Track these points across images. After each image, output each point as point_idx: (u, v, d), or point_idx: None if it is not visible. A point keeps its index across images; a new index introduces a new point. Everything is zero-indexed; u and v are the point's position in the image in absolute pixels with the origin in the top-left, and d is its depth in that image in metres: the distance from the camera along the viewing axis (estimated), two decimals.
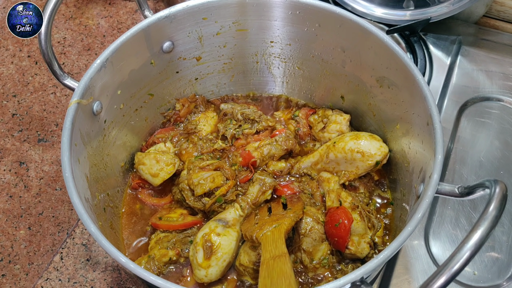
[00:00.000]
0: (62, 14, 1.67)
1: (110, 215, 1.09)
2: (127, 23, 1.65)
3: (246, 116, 1.25)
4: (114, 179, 1.15)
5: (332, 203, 1.10)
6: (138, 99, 1.18)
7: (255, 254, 1.01)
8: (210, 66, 1.27)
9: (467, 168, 1.28)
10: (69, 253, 1.21)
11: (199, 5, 1.11)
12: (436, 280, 0.68)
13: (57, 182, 1.33)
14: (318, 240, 1.04)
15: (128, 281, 1.17)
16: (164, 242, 1.08)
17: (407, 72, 1.01)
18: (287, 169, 1.20)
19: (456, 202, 1.22)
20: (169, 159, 1.15)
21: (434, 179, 0.85)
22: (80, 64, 1.55)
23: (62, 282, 1.17)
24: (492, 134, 1.34)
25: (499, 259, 1.15)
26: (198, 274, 1.02)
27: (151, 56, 1.13)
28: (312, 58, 1.23)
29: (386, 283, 1.11)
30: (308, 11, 1.12)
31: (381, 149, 1.11)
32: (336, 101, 1.29)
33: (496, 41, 1.53)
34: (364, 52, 1.12)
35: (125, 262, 0.79)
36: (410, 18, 1.48)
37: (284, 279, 0.83)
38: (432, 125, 0.92)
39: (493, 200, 0.73)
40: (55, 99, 1.47)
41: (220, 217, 1.07)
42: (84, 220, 0.83)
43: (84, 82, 0.96)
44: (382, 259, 0.78)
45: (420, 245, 1.16)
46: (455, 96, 1.40)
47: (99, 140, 1.06)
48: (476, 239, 0.69)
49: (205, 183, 1.08)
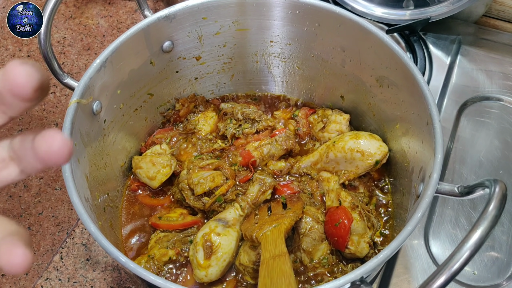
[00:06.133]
0: (61, 14, 1.67)
1: (110, 215, 1.09)
2: (127, 22, 1.65)
3: (246, 115, 1.25)
4: (114, 178, 1.15)
5: (332, 202, 1.10)
6: (137, 98, 1.18)
7: (255, 254, 1.01)
8: (209, 66, 1.27)
9: (466, 167, 1.28)
10: (69, 252, 1.21)
11: (198, 5, 1.11)
12: (436, 279, 0.68)
13: (57, 182, 1.33)
14: (318, 239, 1.04)
15: (128, 281, 1.17)
16: (164, 242, 1.08)
17: (406, 71, 1.01)
18: (287, 169, 1.20)
19: (456, 202, 1.22)
20: (165, 161, 1.15)
21: (434, 179, 0.85)
22: (79, 64, 1.55)
23: (62, 281, 1.17)
24: (492, 133, 1.34)
25: (499, 258, 1.15)
26: (198, 274, 1.02)
27: (150, 55, 1.13)
28: (312, 58, 1.23)
29: (386, 283, 1.11)
30: (308, 11, 1.12)
31: (380, 149, 1.11)
32: (335, 101, 1.29)
33: (496, 41, 1.53)
34: (364, 52, 1.12)
35: (125, 262, 0.79)
36: (410, 17, 1.48)
37: (284, 279, 0.83)
38: (431, 125, 0.92)
39: (493, 200, 0.73)
40: (55, 99, 1.47)
41: (220, 217, 1.07)
42: (84, 220, 0.83)
43: (84, 82, 0.96)
44: (382, 259, 0.78)
45: (420, 244, 1.16)
46: (455, 95, 1.40)
47: (98, 140, 1.06)
48: (475, 238, 0.69)
49: (205, 183, 1.08)
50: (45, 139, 0.42)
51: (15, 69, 0.41)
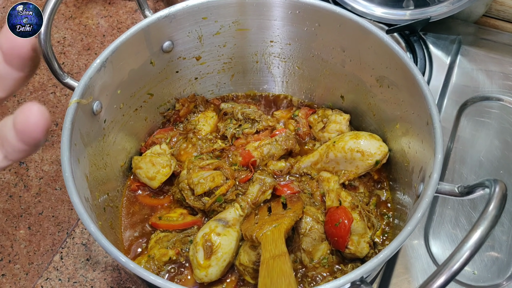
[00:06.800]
0: (61, 14, 1.67)
1: (110, 215, 1.09)
2: (127, 22, 1.65)
3: (246, 115, 1.25)
4: (114, 178, 1.15)
5: (332, 202, 1.10)
6: (138, 98, 1.18)
7: (255, 254, 1.01)
8: (210, 66, 1.27)
9: (467, 167, 1.28)
10: (69, 252, 1.21)
11: (198, 5, 1.11)
12: (436, 279, 0.68)
13: (57, 181, 1.33)
14: (318, 239, 1.04)
15: (128, 281, 1.17)
16: (164, 242, 1.08)
17: (406, 71, 1.01)
18: (287, 169, 1.20)
19: (456, 202, 1.22)
20: (164, 161, 1.15)
21: (434, 179, 0.85)
22: (79, 64, 1.55)
23: (62, 281, 1.17)
24: (492, 133, 1.34)
25: (499, 258, 1.15)
26: (198, 274, 1.02)
27: (150, 55, 1.13)
28: (312, 58, 1.23)
29: (386, 283, 1.11)
30: (308, 11, 1.12)
31: (380, 149, 1.11)
32: (336, 101, 1.29)
33: (496, 41, 1.53)
34: (364, 52, 1.12)
35: (125, 262, 0.79)
36: (410, 17, 1.48)
37: (284, 279, 0.83)
38: (432, 125, 0.92)
39: (493, 200, 0.73)
40: (55, 99, 1.47)
41: (220, 217, 1.07)
42: (84, 219, 0.83)
43: (84, 82, 0.96)
44: (382, 259, 0.78)
45: (420, 244, 1.16)
46: (455, 95, 1.40)
47: (98, 139, 1.06)
48: (475, 238, 0.69)
49: (205, 182, 1.08)
50: (23, 112, 0.43)
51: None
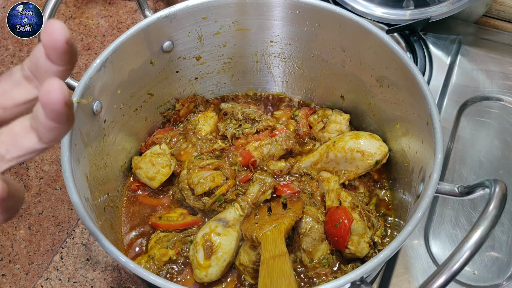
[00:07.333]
0: (61, 14, 1.67)
1: (110, 215, 1.09)
2: (127, 22, 1.65)
3: (246, 115, 1.25)
4: (114, 178, 1.15)
5: (332, 202, 1.10)
6: (138, 98, 1.18)
7: (255, 254, 1.01)
8: (210, 66, 1.27)
9: (467, 167, 1.28)
10: (69, 252, 1.21)
11: (199, 5, 1.11)
12: (436, 279, 0.68)
13: (57, 181, 1.33)
14: (318, 239, 1.04)
15: (128, 281, 1.17)
16: (164, 242, 1.08)
17: (407, 71, 1.01)
18: (287, 169, 1.20)
19: (456, 202, 1.22)
20: (164, 161, 1.15)
21: (434, 179, 0.85)
22: (79, 64, 1.55)
23: (62, 281, 1.17)
24: (492, 133, 1.34)
25: (499, 258, 1.15)
26: (198, 274, 1.02)
27: (151, 55, 1.13)
28: (312, 58, 1.23)
29: (386, 283, 1.11)
30: (308, 11, 1.12)
31: (380, 149, 1.11)
32: (336, 101, 1.29)
33: (496, 41, 1.53)
34: (364, 52, 1.12)
35: (125, 262, 0.79)
36: (410, 17, 1.48)
37: (284, 279, 0.83)
38: (432, 125, 0.92)
39: (493, 200, 0.73)
40: None
41: (220, 217, 1.07)
42: (84, 219, 0.83)
43: (84, 82, 0.96)
44: (382, 259, 0.78)
45: (420, 244, 1.16)
46: (455, 95, 1.40)
47: (99, 140, 1.06)
48: (476, 238, 0.69)
49: (205, 182, 1.08)
50: (44, 86, 0.45)
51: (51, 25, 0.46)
